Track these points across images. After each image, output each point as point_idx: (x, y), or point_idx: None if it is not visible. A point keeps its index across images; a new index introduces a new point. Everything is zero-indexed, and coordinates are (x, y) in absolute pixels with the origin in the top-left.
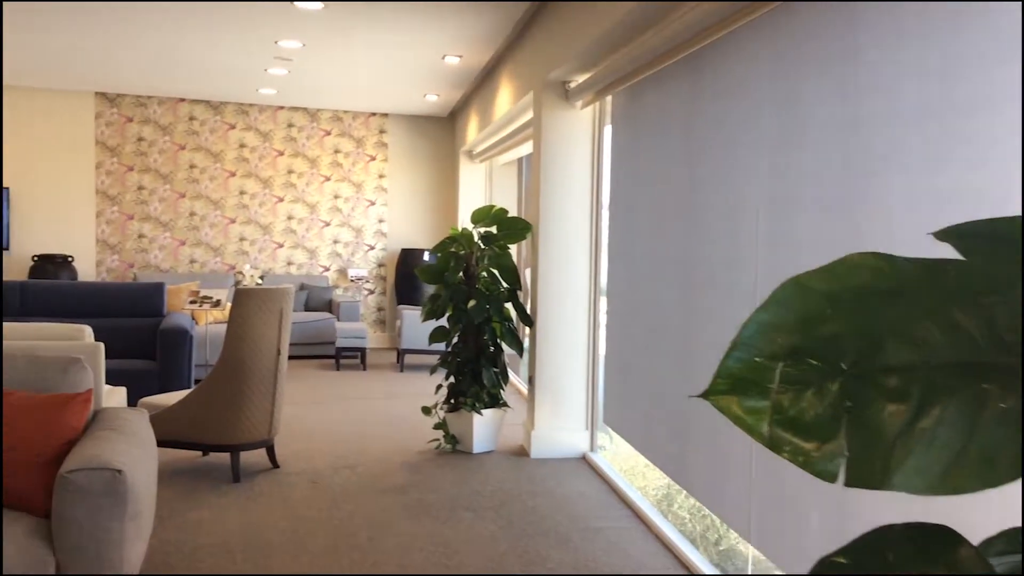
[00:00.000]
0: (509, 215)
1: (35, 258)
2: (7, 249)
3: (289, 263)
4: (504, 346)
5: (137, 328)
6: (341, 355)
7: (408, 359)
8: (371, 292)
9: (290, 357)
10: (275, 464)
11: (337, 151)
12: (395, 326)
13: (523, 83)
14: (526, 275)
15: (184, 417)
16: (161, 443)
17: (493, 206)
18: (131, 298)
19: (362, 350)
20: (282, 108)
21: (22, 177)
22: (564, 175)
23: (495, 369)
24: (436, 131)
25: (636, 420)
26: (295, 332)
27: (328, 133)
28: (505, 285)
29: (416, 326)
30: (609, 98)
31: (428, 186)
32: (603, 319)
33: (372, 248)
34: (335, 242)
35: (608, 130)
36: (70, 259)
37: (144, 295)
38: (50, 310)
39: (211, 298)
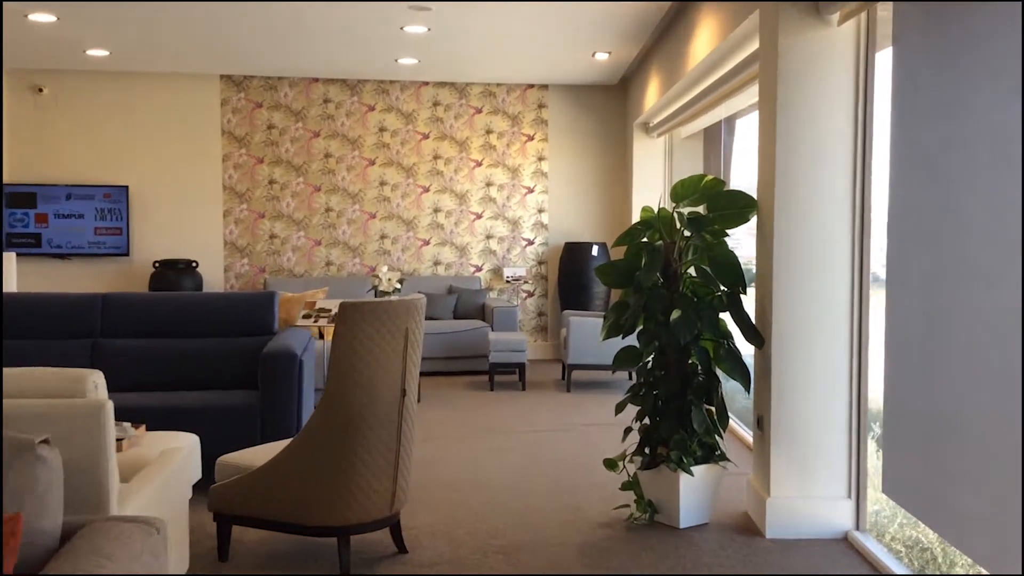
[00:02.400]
0: (726, 188)
1: (156, 264)
2: (127, 255)
3: (436, 262)
4: (721, 374)
5: (238, 351)
6: (496, 372)
7: (576, 375)
8: (530, 294)
9: (436, 373)
10: (401, 548)
11: (489, 131)
12: (559, 334)
13: (740, 5)
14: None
15: (268, 488)
16: (240, 522)
17: (704, 176)
18: (231, 312)
19: (520, 366)
20: (426, 84)
21: (142, 174)
22: (811, 124)
23: (709, 407)
24: (605, 102)
25: (948, 494)
26: (442, 344)
27: (479, 111)
28: (722, 288)
29: (586, 335)
30: (887, 4)
31: (595, 168)
32: (874, 334)
33: (531, 243)
34: (488, 237)
35: (882, 56)
36: (194, 265)
37: (247, 308)
38: (132, 329)
39: (328, 311)
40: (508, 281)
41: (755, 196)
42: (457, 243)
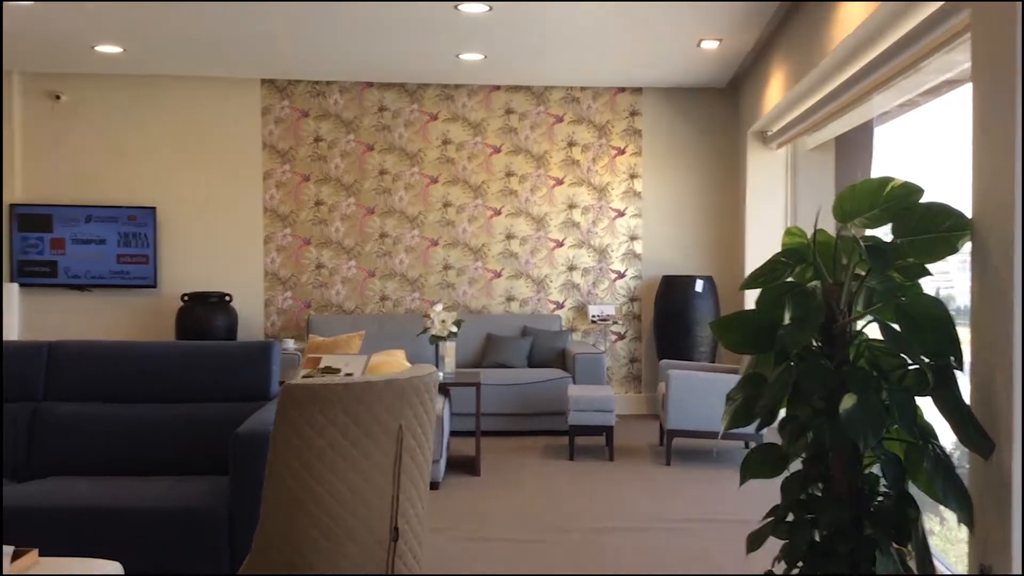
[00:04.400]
0: (922, 200)
1: (185, 298)
2: (154, 286)
3: (508, 298)
4: (919, 494)
5: (218, 422)
6: (577, 434)
7: (679, 443)
8: (620, 337)
9: (504, 433)
10: None
11: (572, 143)
12: (655, 387)
13: None
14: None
15: None
16: None
17: (887, 181)
18: (213, 369)
19: (608, 429)
20: (497, 88)
21: (172, 194)
22: None
23: (901, 548)
24: (711, 107)
25: None
26: (513, 398)
27: (559, 119)
28: (922, 358)
29: (691, 395)
30: None
31: (700, 188)
32: None
33: (621, 276)
34: (571, 268)
35: None
36: (227, 299)
37: (232, 364)
38: (86, 390)
39: (335, 372)
40: (594, 321)
41: (965, 213)
42: (534, 275)
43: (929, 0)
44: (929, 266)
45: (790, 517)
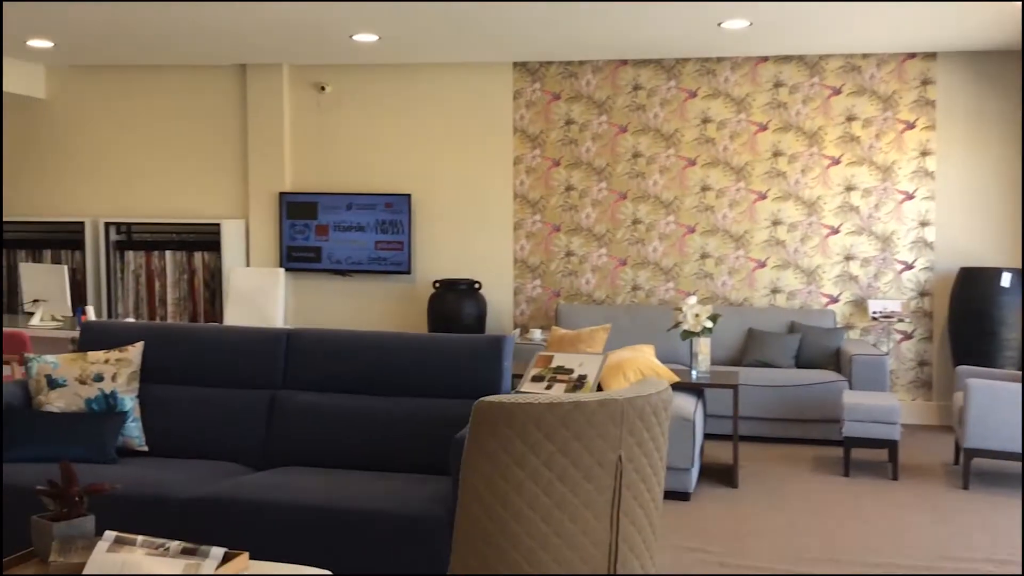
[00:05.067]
0: None
1: (436, 284)
2: (408, 272)
3: (774, 290)
4: None
5: (445, 419)
6: (853, 446)
7: (978, 463)
8: (906, 336)
9: (767, 440)
10: None
11: (851, 118)
12: (950, 396)
13: None
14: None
15: None
16: None
17: None
18: (441, 363)
19: (891, 444)
20: (764, 60)
21: (425, 181)
22: None
23: None
24: (1019, 74)
25: None
26: (778, 401)
27: (836, 91)
28: None
29: (996, 408)
30: None
31: (1006, 166)
32: None
33: (909, 267)
34: (847, 258)
35: None
36: (477, 286)
37: (464, 358)
38: (321, 380)
39: (568, 373)
40: (875, 318)
41: None
42: (803, 266)
43: None
44: None
45: None
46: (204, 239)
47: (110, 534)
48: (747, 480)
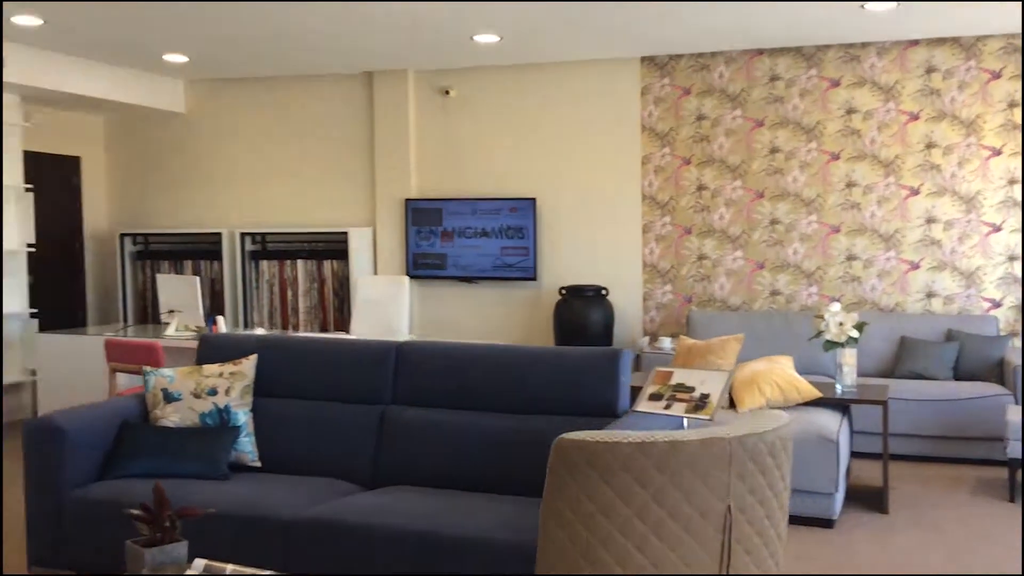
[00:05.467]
0: None
1: (562, 291)
2: (533, 279)
3: (929, 294)
4: None
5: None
6: (1018, 469)
7: None
8: None
9: (923, 459)
10: None
11: (1012, 104)
12: None
13: None
14: None
15: None
16: None
17: None
18: (556, 377)
19: None
20: (914, 44)
21: (550, 184)
22: None
23: None
24: None
25: None
26: (934, 417)
27: (995, 75)
28: None
29: None
30: None
31: None
32: None
33: None
34: (1011, 259)
35: None
36: (603, 292)
37: (578, 373)
38: (430, 394)
39: (689, 391)
40: None
41: None
42: (962, 267)
43: None
44: None
45: None
46: (333, 248)
47: (199, 562)
48: (899, 505)
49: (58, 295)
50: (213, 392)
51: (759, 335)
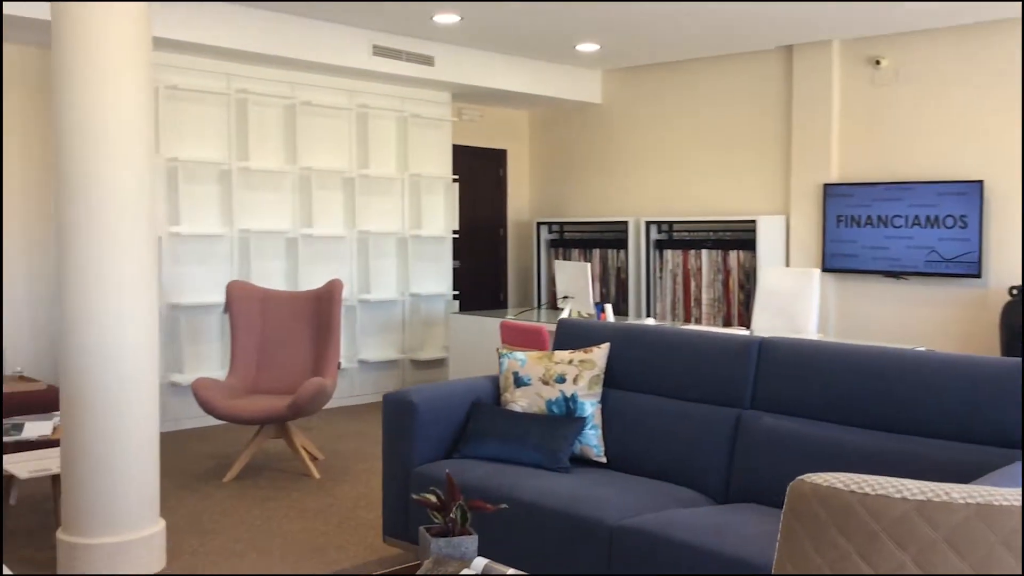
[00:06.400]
0: None
1: (1013, 291)
2: (977, 276)
3: None
4: None
5: (949, 469)
6: None
7: None
8: None
9: None
10: None
11: None
12: None
13: None
14: None
15: None
16: None
17: None
18: (951, 393)
19: None
20: None
21: (1000, 165)
22: None
23: None
24: None
25: None
26: None
27: None
28: None
29: None
30: None
31: None
32: None
33: None
34: None
35: None
36: None
37: (981, 388)
38: (792, 401)
39: None
40: None
41: None
42: None
43: None
44: None
45: None
46: (740, 237)
47: (480, 562)
48: None
49: (483, 279)
50: (561, 379)
51: None
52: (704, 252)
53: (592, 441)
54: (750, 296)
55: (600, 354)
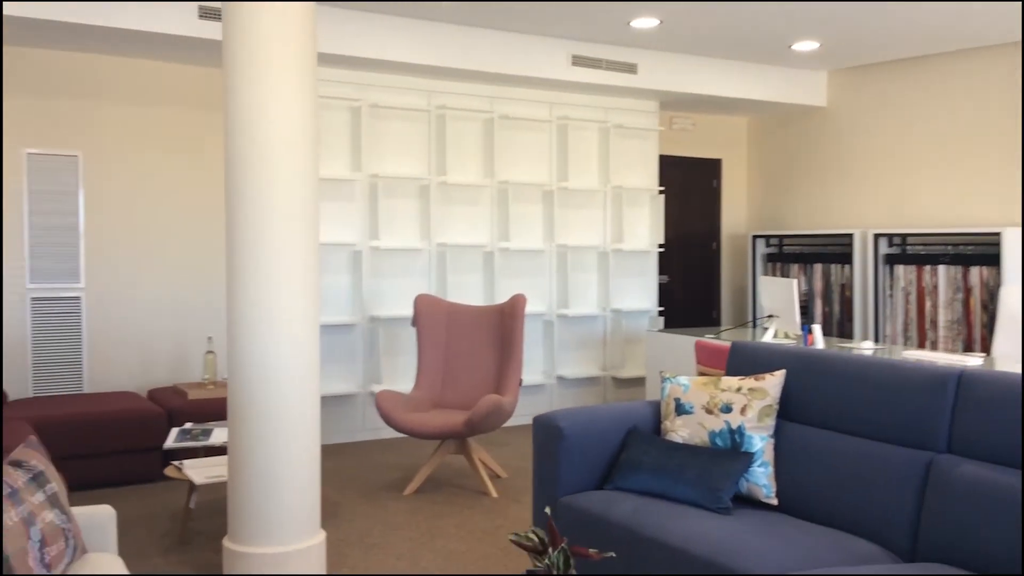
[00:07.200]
0: None
1: None
2: None
3: None
4: None
5: None
6: None
7: None
8: None
9: None
10: None
11: None
12: None
13: None
14: None
15: None
16: None
17: None
18: None
19: None
20: None
21: None
22: None
23: None
24: None
25: None
26: None
27: None
28: None
29: None
30: None
31: None
32: None
33: None
34: None
35: None
36: None
37: None
38: (992, 446)
39: None
40: None
41: None
42: None
43: None
44: None
45: None
46: (983, 251)
47: None
48: None
49: (693, 295)
50: (727, 409)
51: None
52: (941, 268)
53: (761, 480)
54: (994, 318)
55: (774, 382)
